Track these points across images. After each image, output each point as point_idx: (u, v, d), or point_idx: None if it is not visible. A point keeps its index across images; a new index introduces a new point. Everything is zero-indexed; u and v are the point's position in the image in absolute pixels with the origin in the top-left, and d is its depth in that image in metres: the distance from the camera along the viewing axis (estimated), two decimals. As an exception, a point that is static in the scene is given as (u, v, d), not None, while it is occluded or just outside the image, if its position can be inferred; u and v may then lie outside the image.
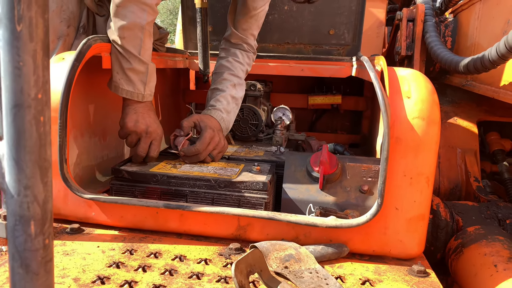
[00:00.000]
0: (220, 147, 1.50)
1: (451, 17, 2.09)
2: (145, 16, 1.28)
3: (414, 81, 1.09)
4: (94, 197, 1.15)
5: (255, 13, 1.69)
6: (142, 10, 1.27)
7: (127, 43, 1.28)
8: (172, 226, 1.15)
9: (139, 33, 1.29)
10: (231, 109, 1.64)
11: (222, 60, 1.73)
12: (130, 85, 1.32)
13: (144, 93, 1.35)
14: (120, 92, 1.33)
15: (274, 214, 1.08)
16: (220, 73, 1.69)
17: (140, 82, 1.33)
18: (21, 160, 0.49)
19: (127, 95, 1.33)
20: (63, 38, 1.62)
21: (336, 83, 2.44)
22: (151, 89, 1.38)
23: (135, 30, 1.28)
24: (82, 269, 0.94)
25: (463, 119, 1.90)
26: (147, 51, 1.33)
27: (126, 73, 1.31)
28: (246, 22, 1.72)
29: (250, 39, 1.76)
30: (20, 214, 0.50)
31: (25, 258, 0.51)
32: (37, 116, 0.49)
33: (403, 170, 1.04)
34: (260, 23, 1.77)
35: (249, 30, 1.73)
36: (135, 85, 1.33)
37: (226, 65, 1.70)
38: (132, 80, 1.32)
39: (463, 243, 1.26)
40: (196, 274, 0.94)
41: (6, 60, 0.47)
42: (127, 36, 1.28)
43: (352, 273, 1.00)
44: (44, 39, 0.49)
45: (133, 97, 1.34)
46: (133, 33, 1.28)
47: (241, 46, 1.75)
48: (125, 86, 1.32)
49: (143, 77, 1.33)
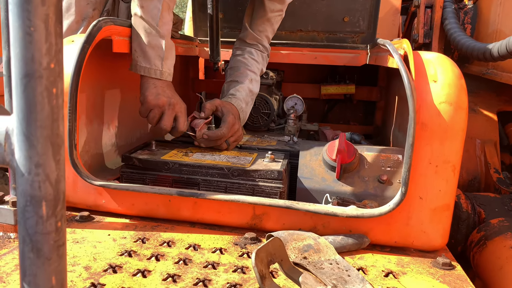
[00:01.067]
0: (237, 135, 1.47)
1: (471, 4, 2.02)
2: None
3: (440, 65, 1.04)
4: (105, 184, 1.11)
5: (272, 16, 1.70)
6: None
7: (145, 13, 1.25)
8: (185, 215, 1.11)
9: (157, 4, 1.26)
10: (248, 102, 1.62)
11: (238, 57, 1.71)
12: (147, 61, 1.28)
13: (162, 69, 1.30)
14: (138, 69, 1.28)
15: (291, 203, 1.03)
16: (236, 67, 1.67)
17: (158, 57, 1.28)
18: (31, 135, 0.45)
19: (145, 72, 1.29)
20: (87, 20, 1.63)
21: (349, 72, 2.38)
22: (169, 67, 1.33)
23: (154, 0, 1.25)
24: (93, 258, 0.91)
25: (483, 109, 1.84)
26: (165, 25, 1.29)
27: (142, 48, 1.27)
28: (262, 24, 1.72)
29: (265, 41, 1.75)
30: (31, 194, 0.46)
31: (37, 241, 0.47)
32: (49, 87, 0.44)
33: (428, 158, 0.99)
34: (275, 28, 1.77)
35: (264, 32, 1.74)
36: (152, 60, 1.28)
37: (242, 61, 1.68)
38: (149, 56, 1.27)
39: (487, 236, 1.21)
40: (211, 264, 0.90)
41: (16, 25, 0.43)
42: (146, 5, 1.25)
43: (374, 264, 0.95)
44: (57, 3, 0.45)
45: (150, 73, 1.29)
46: (151, 3, 1.25)
47: (256, 46, 1.74)
48: (142, 63, 1.28)
49: (160, 52, 1.28)
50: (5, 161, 0.48)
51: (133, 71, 1.30)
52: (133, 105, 1.69)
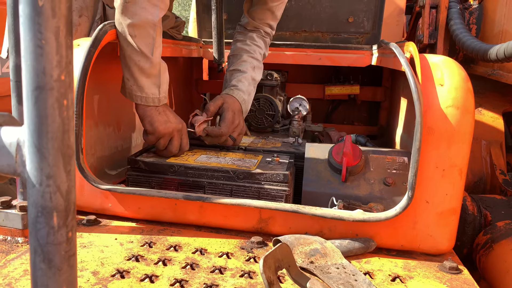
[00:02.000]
0: (239, 129, 1.47)
1: (476, 4, 2.01)
2: (157, 12, 1.18)
3: (446, 68, 1.04)
4: (111, 188, 1.11)
5: (273, 5, 1.65)
6: (154, 6, 1.17)
7: (139, 41, 1.18)
8: (191, 218, 1.12)
9: (151, 31, 1.19)
10: (251, 91, 1.60)
11: (239, 43, 1.67)
12: (143, 91, 1.24)
13: (159, 96, 1.27)
14: (135, 99, 1.25)
15: (298, 207, 1.03)
16: (238, 55, 1.64)
17: (154, 85, 1.25)
18: (43, 147, 0.45)
19: (142, 101, 1.25)
20: (74, 28, 1.60)
21: (353, 72, 2.37)
22: (165, 91, 1.30)
23: (147, 28, 1.18)
24: (100, 262, 0.91)
25: (488, 110, 1.83)
26: (158, 49, 1.24)
27: (137, 78, 1.22)
28: (262, 13, 1.68)
29: (266, 27, 1.72)
30: (42, 205, 0.46)
31: (48, 252, 0.47)
32: (60, 99, 0.45)
33: (435, 162, 0.98)
34: (277, 15, 1.72)
35: (265, 20, 1.70)
36: (149, 90, 1.25)
37: (244, 48, 1.65)
38: (145, 86, 1.24)
39: (493, 238, 1.21)
40: (218, 269, 0.90)
41: (27, 38, 0.43)
42: (138, 34, 1.18)
43: (380, 268, 0.95)
44: (67, 15, 0.45)
45: (148, 102, 1.26)
46: (145, 31, 1.18)
47: (258, 32, 1.71)
48: (139, 92, 1.24)
49: (156, 80, 1.25)
50: (17, 172, 0.48)
51: (128, 98, 1.26)
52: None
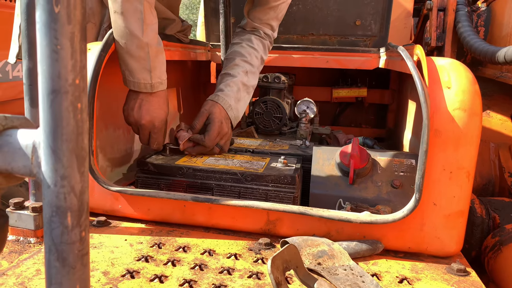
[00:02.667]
0: (226, 136, 1.44)
1: (484, 6, 2.01)
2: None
3: (454, 71, 1.04)
4: (121, 189, 1.13)
5: (275, 5, 1.60)
6: None
7: (125, 19, 1.13)
8: (199, 220, 1.13)
9: (138, 5, 1.13)
10: (242, 97, 1.52)
11: (235, 46, 1.62)
12: (134, 75, 1.20)
13: (151, 81, 1.21)
14: (128, 84, 1.23)
15: (305, 208, 1.04)
16: (231, 58, 1.58)
17: (144, 69, 1.19)
18: (58, 148, 0.46)
19: (134, 87, 1.22)
20: None
21: (360, 75, 2.38)
22: (159, 76, 1.23)
23: (133, 2, 1.13)
24: (111, 263, 0.92)
25: (496, 112, 1.82)
26: (149, 27, 1.17)
27: (127, 61, 1.18)
28: (263, 13, 1.62)
29: (267, 28, 1.66)
30: (56, 205, 0.47)
31: (62, 251, 0.48)
32: (74, 102, 0.46)
33: (442, 164, 0.99)
34: (280, 16, 1.67)
35: (266, 20, 1.64)
36: (139, 73, 1.20)
37: (238, 51, 1.59)
38: (135, 70, 1.19)
39: (502, 241, 1.21)
40: (226, 269, 0.91)
41: (44, 44, 0.45)
42: (125, 9, 1.13)
43: (388, 270, 0.96)
44: (82, 21, 0.46)
45: (140, 88, 1.22)
46: (131, 6, 1.13)
47: (257, 32, 1.65)
48: (130, 77, 1.20)
49: (145, 64, 1.19)
50: (32, 173, 0.50)
51: (125, 85, 1.25)
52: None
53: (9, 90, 2.68)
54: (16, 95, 2.71)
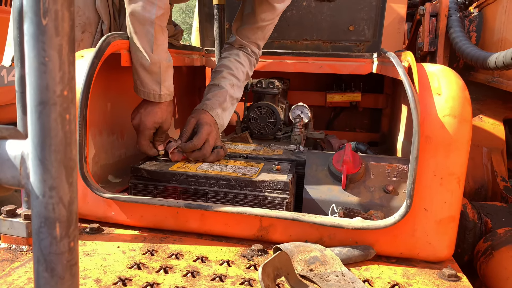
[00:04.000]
0: (218, 141, 1.48)
1: (476, 12, 2.03)
2: (154, 10, 1.25)
3: (444, 77, 1.05)
4: (114, 196, 1.13)
5: (263, 25, 1.68)
6: (151, 4, 1.24)
7: (139, 38, 1.27)
8: (192, 226, 1.13)
9: (149, 29, 1.26)
10: (227, 107, 1.60)
11: (223, 60, 1.70)
12: (145, 86, 1.31)
13: (160, 93, 1.33)
14: (139, 93, 1.33)
15: (297, 215, 1.04)
16: (219, 71, 1.66)
17: (155, 82, 1.32)
18: (46, 159, 0.46)
19: (144, 96, 1.33)
20: (77, 43, 1.63)
21: (354, 80, 2.39)
22: (168, 87, 1.36)
23: (145, 25, 1.26)
24: (103, 270, 0.92)
25: (489, 116, 1.84)
26: (159, 46, 1.30)
27: (140, 73, 1.30)
28: (252, 32, 1.70)
29: (254, 46, 1.74)
30: (45, 215, 0.48)
31: (50, 261, 0.49)
32: (62, 113, 0.46)
33: (433, 170, 1.00)
34: (266, 36, 1.75)
35: (254, 40, 1.72)
36: (150, 85, 1.31)
37: (226, 64, 1.67)
38: (147, 81, 1.31)
39: (493, 246, 1.22)
40: (219, 276, 0.91)
41: (31, 56, 0.45)
42: (138, 31, 1.26)
43: (379, 276, 0.96)
44: (70, 33, 0.47)
45: (149, 98, 1.33)
46: (144, 29, 1.26)
47: (245, 49, 1.73)
48: (142, 87, 1.32)
49: (156, 77, 1.31)
50: (21, 184, 0.50)
51: (136, 93, 1.34)
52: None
53: (4, 95, 2.67)
54: (11, 100, 2.70)
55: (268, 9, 1.62)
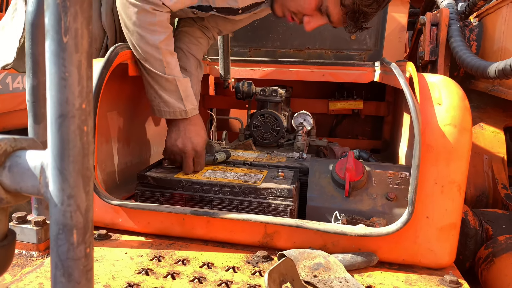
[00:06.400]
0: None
1: (476, 21, 2.06)
2: (157, 37, 1.26)
3: (445, 88, 1.08)
4: (122, 203, 1.15)
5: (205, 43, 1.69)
6: (152, 32, 1.25)
7: (150, 65, 1.29)
8: (198, 233, 1.15)
9: (157, 55, 1.28)
10: (198, 92, 1.61)
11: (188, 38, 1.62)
12: (170, 106, 1.33)
13: (186, 108, 1.35)
14: (164, 114, 1.35)
15: (302, 222, 1.06)
16: (185, 54, 1.60)
17: (178, 99, 1.33)
18: (65, 169, 0.49)
19: (170, 115, 1.35)
20: None
21: (356, 87, 2.42)
22: (192, 102, 1.37)
23: (152, 52, 1.27)
24: (112, 276, 0.95)
25: (489, 125, 1.86)
26: (173, 69, 1.32)
27: (161, 95, 1.32)
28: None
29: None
30: (63, 223, 0.50)
31: (68, 266, 0.51)
32: (81, 126, 0.49)
33: (434, 178, 1.02)
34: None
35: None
36: (174, 104, 1.33)
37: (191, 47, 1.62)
38: (169, 101, 1.32)
39: (494, 253, 1.23)
40: (225, 282, 0.93)
41: (53, 71, 0.47)
42: (148, 58, 1.28)
43: (382, 282, 0.98)
44: (88, 50, 0.49)
45: (176, 116, 1.35)
46: (151, 56, 1.27)
47: (206, 31, 1.67)
48: (166, 108, 1.33)
49: (177, 94, 1.33)
50: (40, 192, 0.52)
51: (158, 116, 1.36)
52: (146, 123, 1.75)
53: (9, 101, 2.70)
54: (16, 107, 2.73)
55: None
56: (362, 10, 1.22)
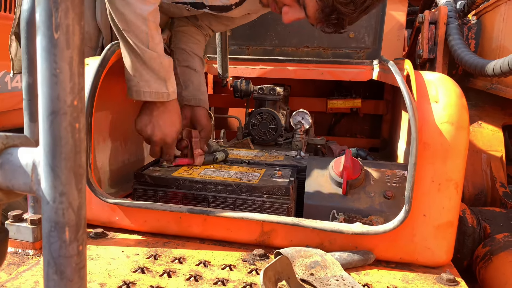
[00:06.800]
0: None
1: (475, 19, 2.05)
2: (146, 7, 1.17)
3: (442, 85, 1.07)
4: (118, 201, 1.15)
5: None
6: (142, 1, 1.16)
7: (133, 37, 1.17)
8: (195, 231, 1.15)
9: (143, 26, 1.17)
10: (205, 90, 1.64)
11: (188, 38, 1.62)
12: (150, 86, 1.23)
13: (168, 91, 1.27)
14: (143, 96, 1.24)
15: (298, 220, 1.06)
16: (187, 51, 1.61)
17: (160, 80, 1.23)
18: (56, 166, 0.48)
19: (151, 97, 1.25)
20: None
21: (355, 86, 2.41)
22: (173, 85, 1.29)
23: (137, 22, 1.16)
24: (107, 274, 0.94)
25: (488, 123, 1.85)
26: (157, 45, 1.22)
27: (142, 72, 1.21)
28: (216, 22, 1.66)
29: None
30: (55, 220, 0.50)
31: (60, 264, 0.50)
32: (72, 122, 0.48)
33: (431, 176, 1.01)
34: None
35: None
36: (155, 84, 1.23)
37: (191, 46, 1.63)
38: (150, 80, 1.22)
39: (492, 251, 1.23)
40: (221, 280, 0.93)
41: (44, 67, 0.47)
42: (132, 29, 1.17)
43: (379, 280, 0.98)
44: (80, 46, 0.49)
45: (158, 98, 1.26)
46: (136, 27, 1.17)
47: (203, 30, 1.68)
48: (146, 88, 1.23)
49: (160, 74, 1.23)
50: (32, 190, 0.52)
51: (138, 99, 1.26)
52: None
53: (7, 100, 2.70)
54: (14, 106, 2.73)
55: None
56: (338, 8, 1.19)
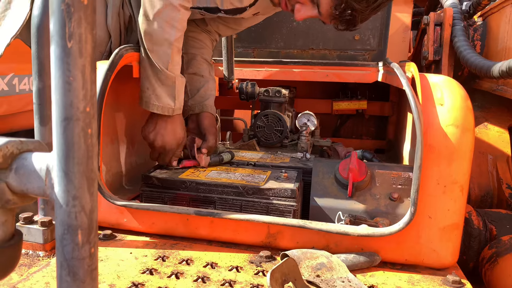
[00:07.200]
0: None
1: (480, 21, 2.05)
2: (174, 33, 1.28)
3: (447, 88, 1.08)
4: (126, 203, 1.17)
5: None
6: (172, 27, 1.27)
7: (155, 57, 1.29)
8: (202, 233, 1.16)
9: (167, 50, 1.29)
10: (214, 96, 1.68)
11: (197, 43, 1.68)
12: (160, 100, 1.33)
13: (174, 107, 1.36)
14: (151, 107, 1.34)
15: (305, 222, 1.07)
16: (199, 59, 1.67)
17: (170, 96, 1.34)
18: (70, 171, 0.50)
19: (158, 110, 1.34)
20: None
21: (360, 88, 2.42)
22: (180, 102, 1.39)
23: (163, 46, 1.28)
24: (117, 275, 0.96)
25: (494, 124, 1.85)
26: (175, 66, 1.33)
27: (155, 88, 1.32)
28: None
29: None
30: (68, 223, 0.51)
31: (73, 266, 0.52)
32: (85, 128, 0.50)
33: (436, 178, 1.02)
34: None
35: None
36: (165, 99, 1.34)
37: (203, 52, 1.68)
38: (161, 95, 1.33)
39: (498, 253, 1.23)
40: (228, 282, 0.94)
41: (57, 76, 0.49)
42: (156, 50, 1.29)
43: (385, 282, 0.99)
44: (92, 54, 0.50)
45: (163, 112, 1.35)
46: (161, 49, 1.29)
47: (211, 35, 1.73)
48: (156, 101, 1.33)
49: (172, 91, 1.34)
50: (46, 194, 0.53)
51: (146, 108, 1.35)
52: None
53: (15, 103, 2.73)
54: (22, 108, 2.76)
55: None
56: (351, 5, 1.21)
